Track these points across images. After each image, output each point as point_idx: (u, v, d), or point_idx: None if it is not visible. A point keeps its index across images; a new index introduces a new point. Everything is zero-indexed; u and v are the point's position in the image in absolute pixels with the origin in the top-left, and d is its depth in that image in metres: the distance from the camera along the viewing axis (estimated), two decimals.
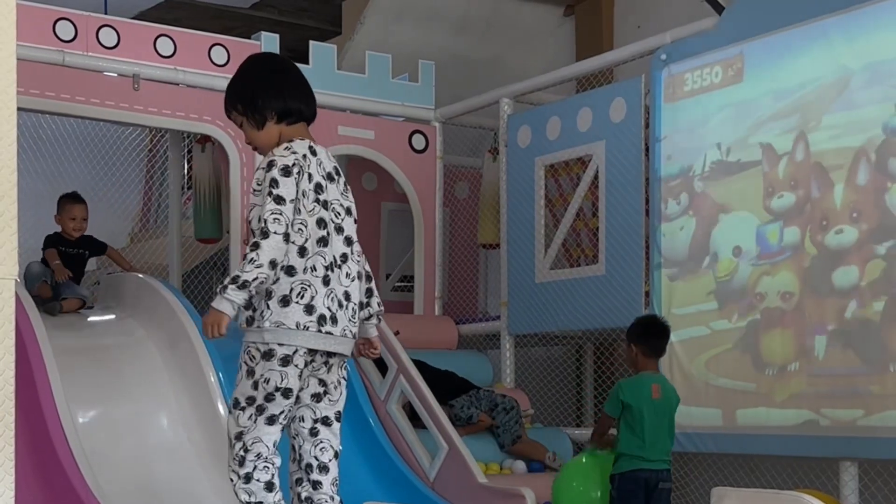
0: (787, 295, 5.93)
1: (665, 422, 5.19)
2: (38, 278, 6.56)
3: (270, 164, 3.81)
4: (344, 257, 3.93)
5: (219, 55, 7.39)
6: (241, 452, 3.83)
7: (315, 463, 3.92)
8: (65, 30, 6.91)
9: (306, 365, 3.86)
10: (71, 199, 6.79)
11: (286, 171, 3.80)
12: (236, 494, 3.86)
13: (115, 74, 7.12)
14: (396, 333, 6.44)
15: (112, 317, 6.49)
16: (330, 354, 3.90)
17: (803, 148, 5.87)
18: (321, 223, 3.86)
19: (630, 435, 5.13)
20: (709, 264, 6.31)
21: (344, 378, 4.00)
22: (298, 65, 7.97)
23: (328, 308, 3.81)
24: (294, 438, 3.96)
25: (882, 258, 5.52)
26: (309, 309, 3.77)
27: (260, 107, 3.98)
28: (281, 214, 3.73)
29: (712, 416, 6.22)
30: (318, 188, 3.89)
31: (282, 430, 3.90)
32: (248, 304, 3.77)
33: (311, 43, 7.93)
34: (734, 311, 6.16)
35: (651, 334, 5.31)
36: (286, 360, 3.80)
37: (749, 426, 6.06)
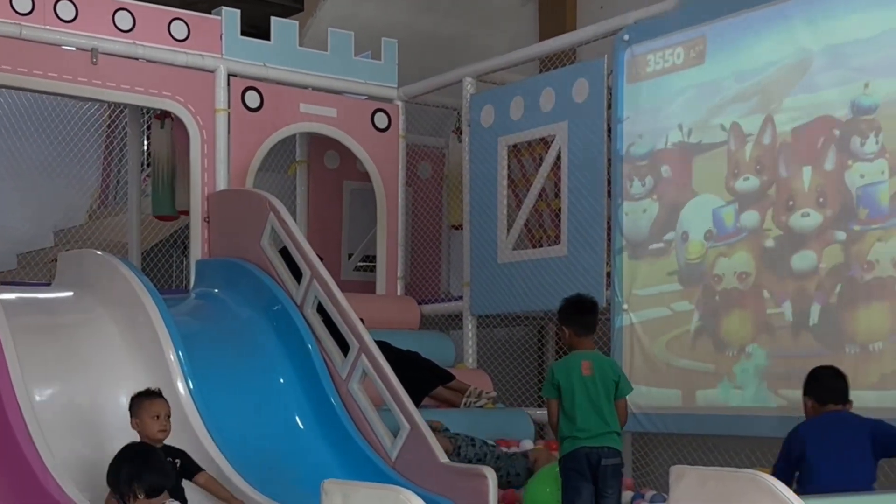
0: (743, 275, 5.97)
1: (601, 398, 5.06)
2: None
3: None
4: None
5: (179, 30, 7.31)
6: None
7: None
8: (22, 3, 6.80)
9: None
10: (149, 395, 5.30)
11: None
12: None
13: (74, 48, 7.02)
14: (361, 321, 6.42)
15: (70, 294, 6.41)
16: None
17: (771, 130, 5.91)
18: None
19: (565, 416, 5.07)
20: (674, 245, 6.34)
21: None
22: (260, 41, 7.96)
23: None
24: None
25: (840, 242, 5.57)
26: None
27: None
28: None
29: (672, 396, 6.27)
30: None
31: None
32: None
33: (273, 19, 7.87)
34: (696, 293, 6.20)
35: (577, 312, 5.22)
36: None
37: (708, 406, 6.11)
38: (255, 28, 8.09)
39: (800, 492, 4.16)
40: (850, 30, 5.57)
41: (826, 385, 5.09)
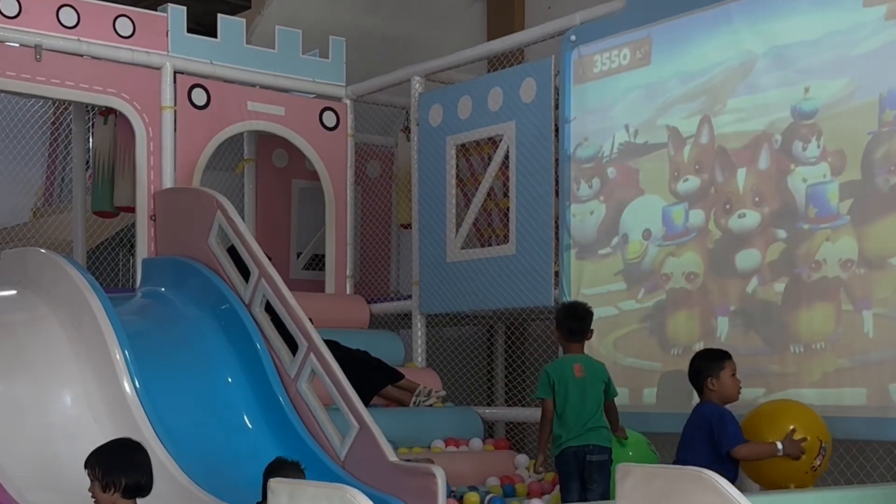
0: (691, 276, 6.04)
1: (590, 398, 5.34)
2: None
3: None
4: None
5: (124, 27, 7.24)
6: None
7: None
8: None
9: None
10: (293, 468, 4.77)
11: None
12: None
13: (17, 45, 6.94)
14: (310, 321, 6.40)
15: (14, 293, 6.34)
16: None
17: (708, 131, 5.98)
18: None
19: (557, 418, 5.35)
20: (618, 245, 6.40)
21: None
22: (207, 38, 7.91)
23: None
24: None
25: (783, 241, 5.65)
26: None
27: None
28: None
29: (620, 394, 6.31)
30: None
31: None
32: None
33: (220, 16, 7.82)
34: (641, 292, 6.26)
35: (566, 317, 5.51)
36: None
37: (655, 405, 6.17)
38: (202, 25, 8.04)
39: None
40: (793, 32, 5.66)
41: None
